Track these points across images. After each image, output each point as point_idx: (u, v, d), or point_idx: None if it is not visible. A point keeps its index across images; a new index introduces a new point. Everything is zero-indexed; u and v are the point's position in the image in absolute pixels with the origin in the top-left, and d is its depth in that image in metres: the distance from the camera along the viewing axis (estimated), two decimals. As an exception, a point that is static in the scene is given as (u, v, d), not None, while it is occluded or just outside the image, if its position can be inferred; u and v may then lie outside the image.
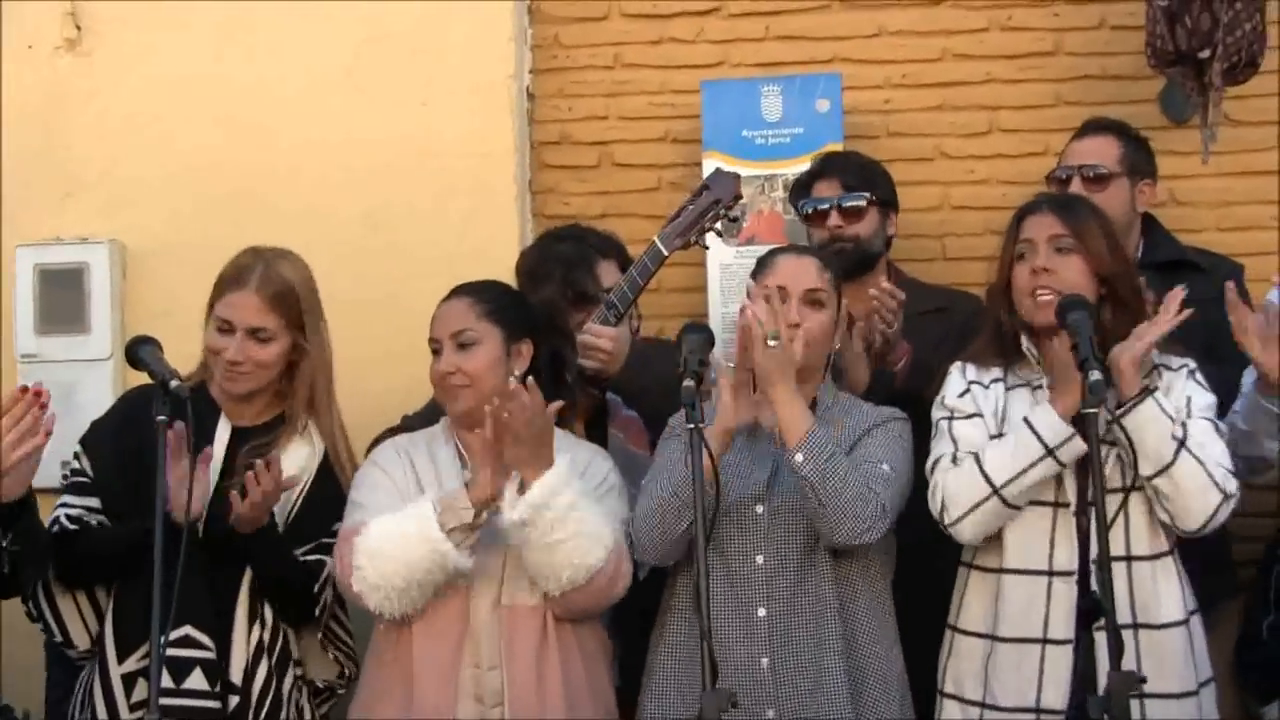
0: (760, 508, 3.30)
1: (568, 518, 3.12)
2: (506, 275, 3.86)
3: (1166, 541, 3.21)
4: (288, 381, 3.47)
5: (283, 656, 3.37)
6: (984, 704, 3.18)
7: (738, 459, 3.33)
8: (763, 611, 3.25)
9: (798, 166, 4.33)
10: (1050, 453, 3.10)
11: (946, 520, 3.20)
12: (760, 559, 3.28)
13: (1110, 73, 4.56)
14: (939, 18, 4.65)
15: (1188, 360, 3.30)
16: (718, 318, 4.42)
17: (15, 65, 4.62)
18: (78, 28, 4.60)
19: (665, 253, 3.78)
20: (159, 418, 3.00)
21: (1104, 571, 2.77)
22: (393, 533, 3.16)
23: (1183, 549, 3.26)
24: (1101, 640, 2.80)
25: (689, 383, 2.96)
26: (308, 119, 4.59)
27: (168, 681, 3.13)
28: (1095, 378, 2.82)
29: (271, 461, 3.23)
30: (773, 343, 3.17)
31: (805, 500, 3.19)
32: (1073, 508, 3.18)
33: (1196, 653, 3.22)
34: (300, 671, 3.42)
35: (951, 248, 4.58)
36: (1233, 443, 3.51)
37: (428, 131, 4.57)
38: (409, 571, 3.15)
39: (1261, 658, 3.86)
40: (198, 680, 3.26)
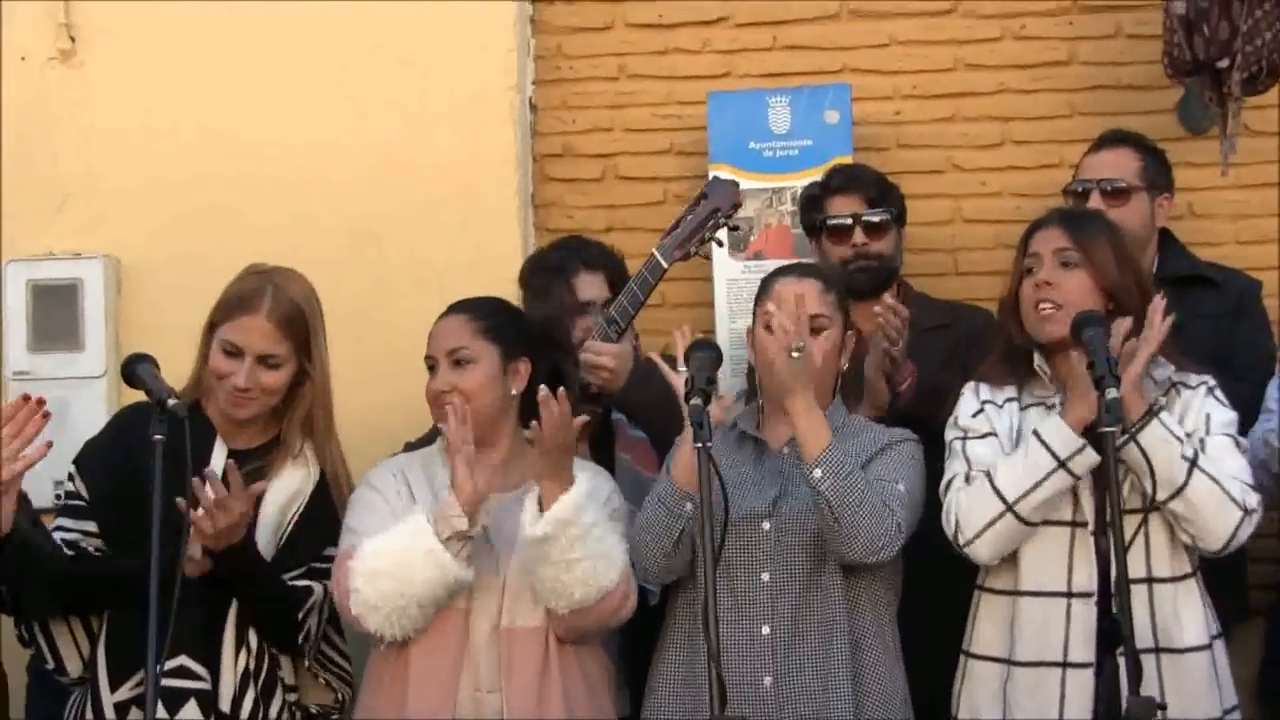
0: (767, 524, 3.31)
1: (588, 536, 3.14)
2: (507, 289, 3.90)
3: (1189, 564, 3.20)
4: (284, 403, 3.46)
5: (268, 683, 3.35)
6: None
7: (746, 475, 3.36)
8: (766, 629, 3.27)
9: (806, 179, 4.33)
10: (1062, 465, 3.08)
11: (961, 541, 3.19)
12: (766, 576, 3.29)
13: (1126, 83, 4.56)
14: (950, 27, 4.65)
15: (1206, 378, 3.29)
16: (724, 333, 4.43)
17: (7, 77, 4.62)
18: (71, 39, 4.63)
19: (665, 265, 3.75)
20: (156, 437, 2.99)
21: (1121, 595, 2.75)
22: (388, 550, 3.16)
23: (1197, 571, 3.28)
24: (1124, 665, 2.77)
25: (696, 401, 2.95)
26: (302, 132, 4.59)
27: (162, 712, 3.12)
28: (1112, 396, 2.79)
29: (229, 471, 3.20)
30: (796, 354, 3.19)
31: (820, 516, 3.20)
32: (1090, 527, 3.17)
33: (1221, 678, 3.21)
34: (295, 698, 3.41)
35: (963, 262, 4.59)
36: (1263, 462, 3.53)
37: (427, 144, 4.57)
38: (408, 588, 3.14)
39: None
40: (191, 711, 3.25)
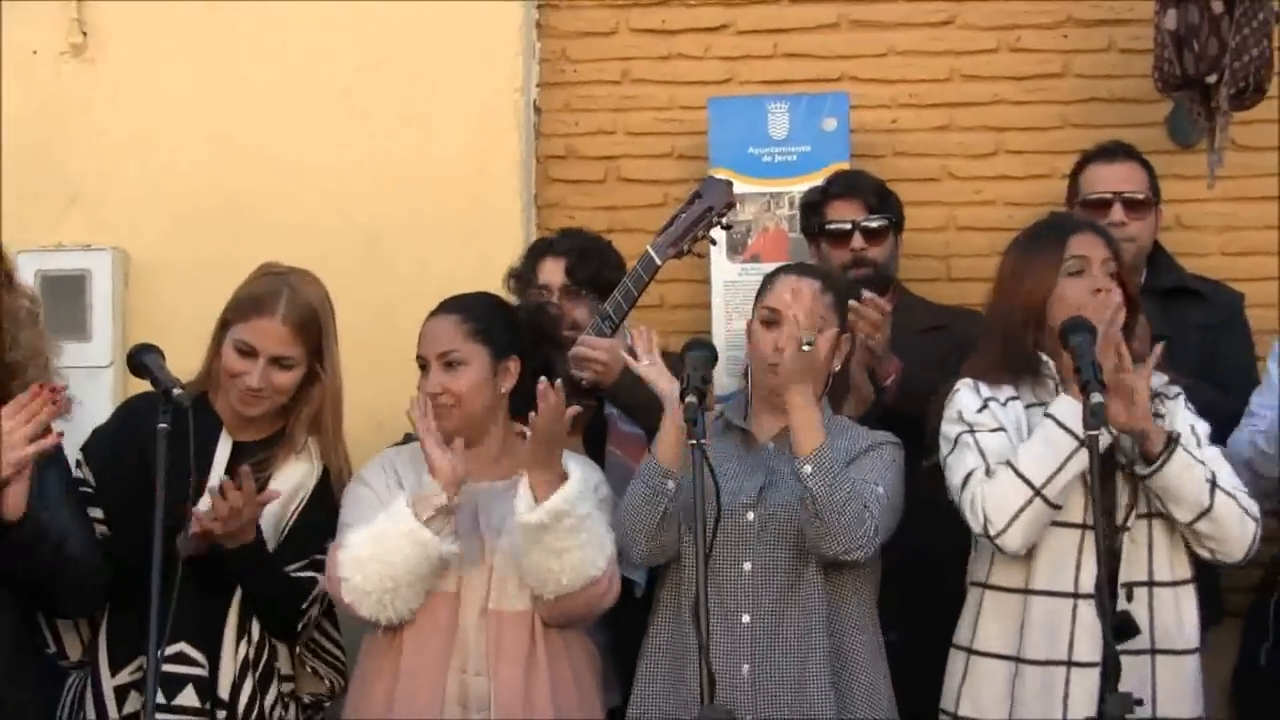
0: (751, 515, 3.33)
1: (582, 527, 3.16)
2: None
3: (1190, 569, 3.22)
4: (292, 400, 3.47)
5: (266, 672, 3.37)
6: None
7: (731, 466, 3.37)
8: (747, 618, 3.29)
9: (803, 185, 4.35)
10: (1083, 443, 3.04)
11: (992, 532, 3.13)
12: (748, 566, 3.31)
13: (1118, 96, 4.59)
14: (947, 38, 4.68)
15: (1177, 387, 3.32)
16: (721, 334, 4.44)
17: (19, 71, 4.63)
18: (83, 34, 4.63)
19: (659, 262, 3.78)
20: (160, 425, 3.00)
21: (1102, 594, 2.80)
22: (372, 536, 3.19)
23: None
24: (1130, 667, 2.83)
25: (691, 399, 2.97)
26: (311, 131, 4.60)
27: (160, 697, 3.13)
28: (1097, 400, 2.83)
29: (243, 476, 3.23)
30: (807, 347, 3.21)
31: (802, 509, 3.22)
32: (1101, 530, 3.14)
33: (1202, 683, 3.25)
34: (290, 688, 3.44)
35: (956, 268, 4.61)
36: (1249, 463, 3.58)
37: (432, 145, 4.59)
38: (395, 570, 3.16)
39: (1261, 683, 3.88)
40: (189, 697, 3.28)
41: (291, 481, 3.42)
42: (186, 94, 4.62)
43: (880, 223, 4.06)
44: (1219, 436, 3.26)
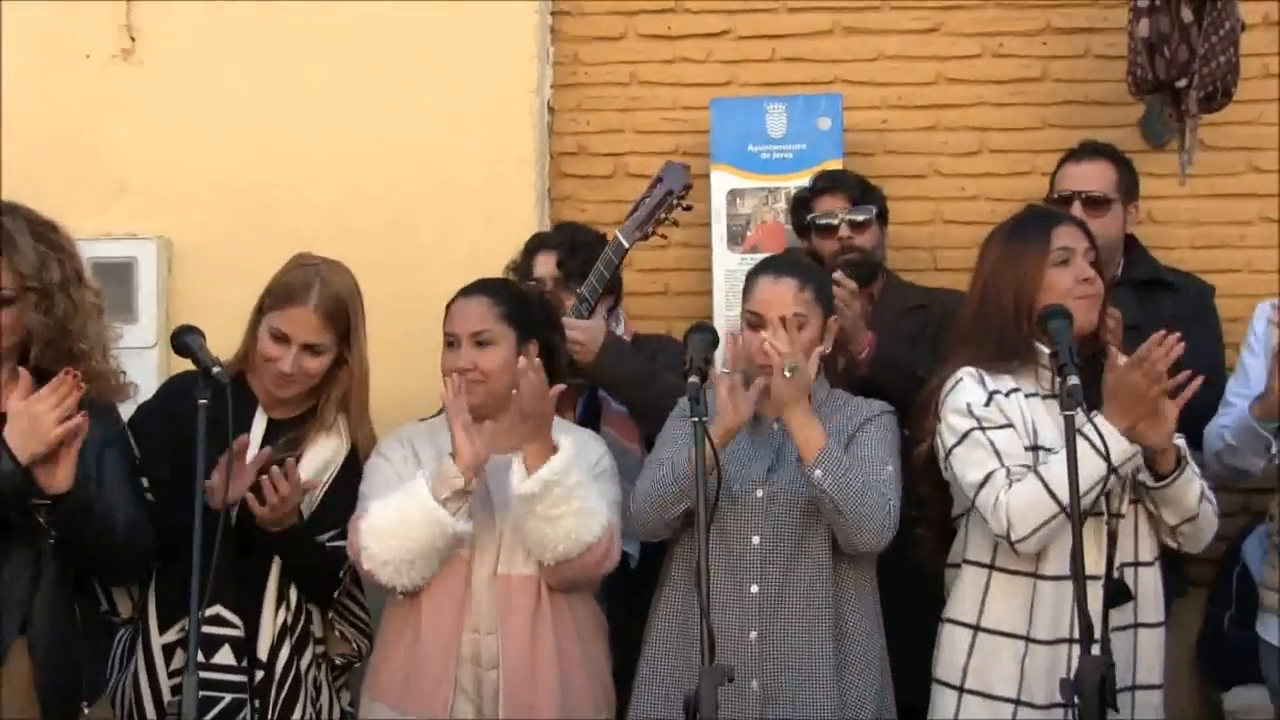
0: (760, 492, 3.38)
1: (573, 494, 3.21)
2: (523, 276, 4.02)
3: (1158, 548, 3.30)
4: (322, 381, 3.54)
5: (302, 636, 3.47)
6: (1018, 701, 3.18)
7: (741, 447, 3.42)
8: (755, 588, 3.34)
9: (799, 180, 4.42)
10: (1114, 470, 3.03)
11: (1014, 537, 3.12)
12: (757, 539, 3.37)
13: (1094, 99, 4.64)
14: (934, 44, 4.73)
15: None
16: (721, 319, 4.48)
17: (72, 73, 4.68)
18: (132, 39, 4.68)
19: (626, 245, 3.88)
20: (200, 401, 3.05)
21: (1079, 583, 2.81)
22: (391, 510, 3.25)
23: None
24: (1118, 640, 2.97)
25: (694, 379, 3.03)
26: (342, 129, 4.65)
27: (199, 656, 3.08)
28: (1073, 382, 2.89)
29: (290, 468, 3.31)
30: (788, 373, 3.24)
31: (824, 513, 3.27)
32: (1105, 516, 3.18)
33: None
34: (322, 650, 3.53)
35: (942, 259, 4.66)
36: (1218, 455, 3.68)
37: (454, 142, 4.63)
38: (411, 544, 3.23)
39: (1224, 648, 4.06)
40: (225, 655, 3.37)
41: (322, 456, 3.51)
42: (226, 94, 4.67)
43: (864, 214, 4.12)
44: (1186, 425, 3.21)
